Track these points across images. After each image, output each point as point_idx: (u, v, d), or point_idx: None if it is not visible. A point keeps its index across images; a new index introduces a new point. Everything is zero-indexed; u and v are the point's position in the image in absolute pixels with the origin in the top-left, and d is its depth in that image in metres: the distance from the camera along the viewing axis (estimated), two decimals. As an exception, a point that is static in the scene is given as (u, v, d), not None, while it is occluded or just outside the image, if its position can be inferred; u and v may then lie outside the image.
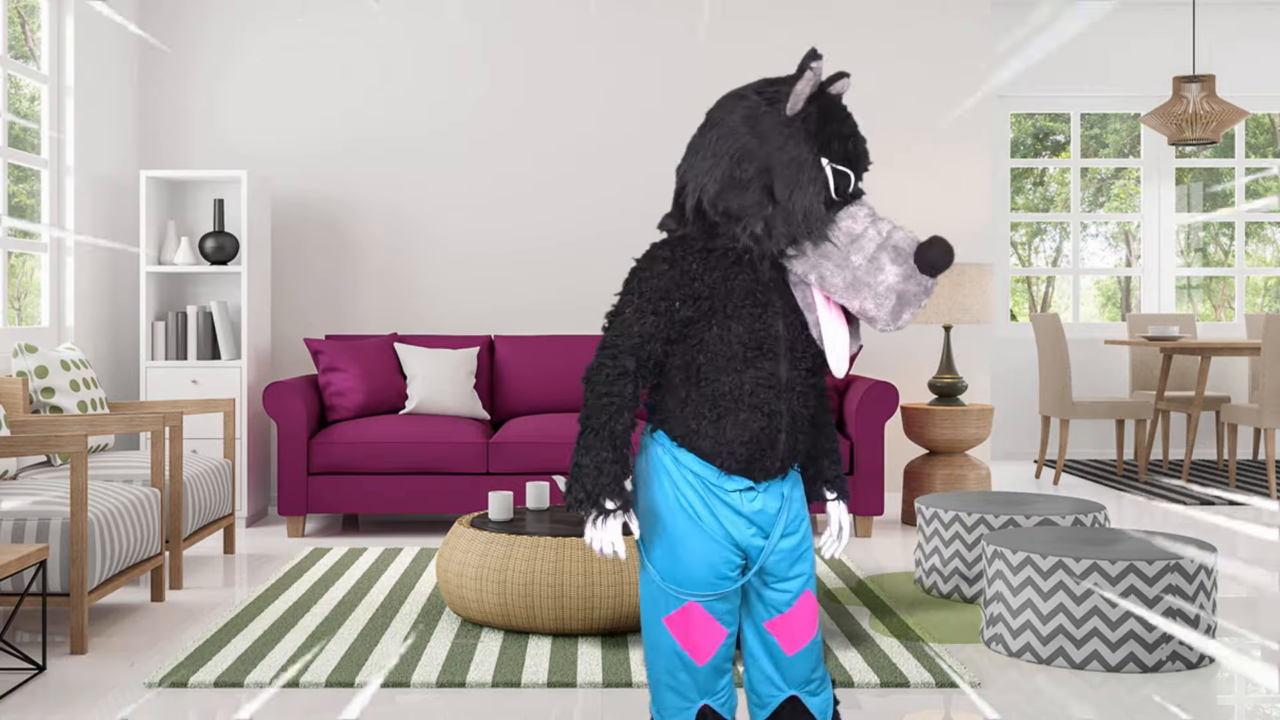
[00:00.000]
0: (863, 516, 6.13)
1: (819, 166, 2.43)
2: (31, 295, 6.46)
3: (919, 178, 7.19)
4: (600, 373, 2.47)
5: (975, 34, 7.20)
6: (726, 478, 2.52)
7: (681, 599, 2.55)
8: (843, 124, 2.47)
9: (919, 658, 3.94)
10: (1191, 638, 3.86)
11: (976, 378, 7.25)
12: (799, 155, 2.42)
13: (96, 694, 3.60)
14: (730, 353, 2.47)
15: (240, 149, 7.08)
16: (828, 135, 2.44)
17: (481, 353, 6.75)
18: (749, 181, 2.43)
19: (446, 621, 4.39)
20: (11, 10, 6.07)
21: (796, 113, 2.45)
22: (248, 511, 6.45)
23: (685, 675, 2.60)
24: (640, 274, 2.48)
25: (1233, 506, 7.17)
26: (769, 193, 2.42)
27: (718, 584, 2.54)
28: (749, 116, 2.46)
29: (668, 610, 2.57)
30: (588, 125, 7.13)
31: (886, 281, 2.39)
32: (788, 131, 2.43)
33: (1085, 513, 4.75)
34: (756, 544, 2.57)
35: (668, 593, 2.56)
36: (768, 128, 2.43)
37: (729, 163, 2.45)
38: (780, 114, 2.45)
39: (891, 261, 2.40)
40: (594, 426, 2.46)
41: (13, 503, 4.15)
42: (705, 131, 2.52)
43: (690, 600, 2.55)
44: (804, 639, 2.65)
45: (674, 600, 2.56)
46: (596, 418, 2.46)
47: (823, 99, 2.48)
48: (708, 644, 2.56)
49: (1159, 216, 9.63)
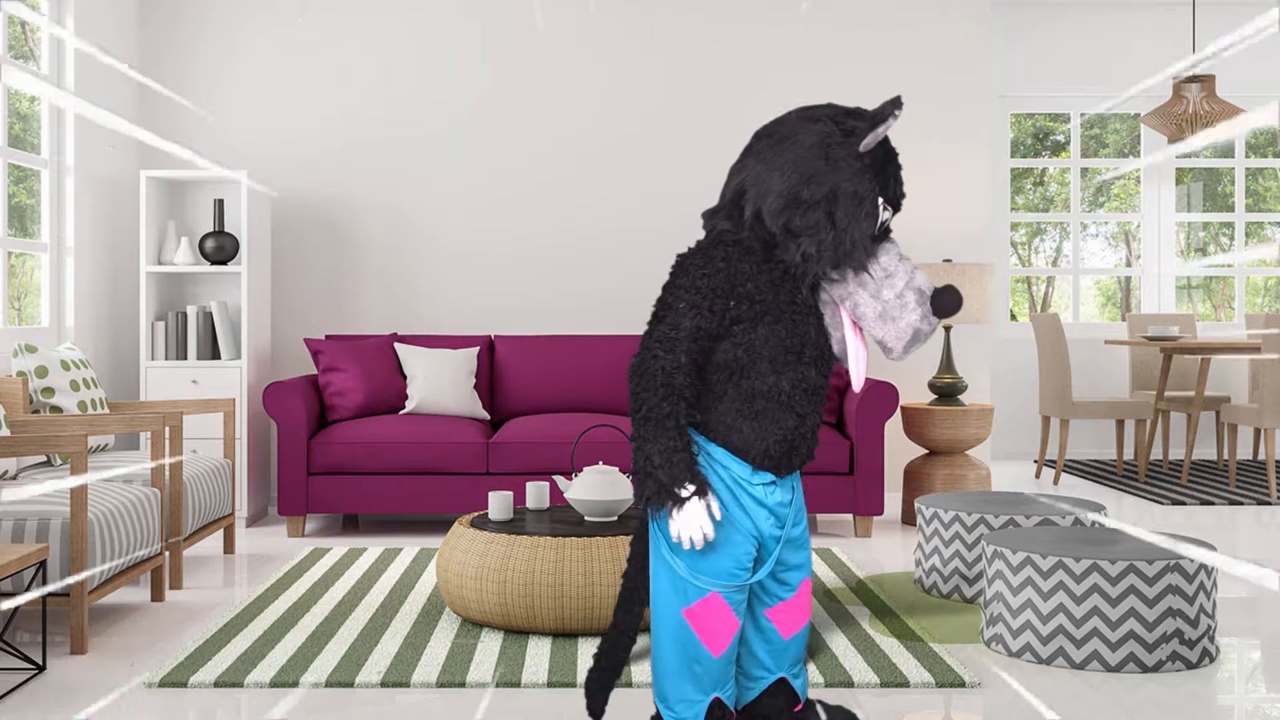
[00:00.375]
0: (863, 516, 6.13)
1: (876, 203, 2.62)
2: (31, 295, 6.45)
3: (919, 178, 7.19)
4: (655, 364, 2.55)
5: (975, 34, 7.20)
6: (754, 472, 2.66)
7: (704, 590, 2.64)
8: (898, 169, 2.68)
9: (919, 658, 3.94)
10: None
11: (976, 378, 7.25)
12: (863, 190, 2.60)
13: (96, 694, 3.60)
14: (773, 354, 2.60)
15: (240, 149, 7.08)
16: (886, 176, 2.64)
17: (481, 353, 6.75)
18: (814, 204, 2.59)
19: (446, 621, 4.39)
20: (12, 11, 6.07)
21: (867, 150, 2.63)
22: (248, 511, 6.45)
23: (700, 668, 2.68)
24: (695, 270, 2.60)
25: (1233, 506, 7.17)
26: (830, 218, 2.59)
27: (739, 575, 2.66)
28: (823, 142, 2.61)
29: (689, 602, 2.66)
30: (588, 125, 7.13)
31: (909, 319, 2.62)
32: (858, 165, 2.60)
33: (1085, 512, 4.75)
34: (775, 534, 2.71)
35: (689, 586, 2.65)
36: (840, 157, 2.60)
37: (798, 181, 2.61)
38: (853, 147, 2.62)
39: (916, 302, 2.63)
40: (655, 418, 2.53)
41: (23, 492, 4.15)
42: (776, 144, 2.65)
43: (713, 591, 2.63)
44: (800, 624, 2.80)
45: (696, 592, 2.64)
46: (657, 409, 2.52)
47: (886, 141, 2.68)
48: (724, 635, 2.65)
49: (1159, 216, 9.63)
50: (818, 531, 6.35)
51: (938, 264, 6.53)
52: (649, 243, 7.14)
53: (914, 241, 7.17)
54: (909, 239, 7.17)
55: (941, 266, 6.42)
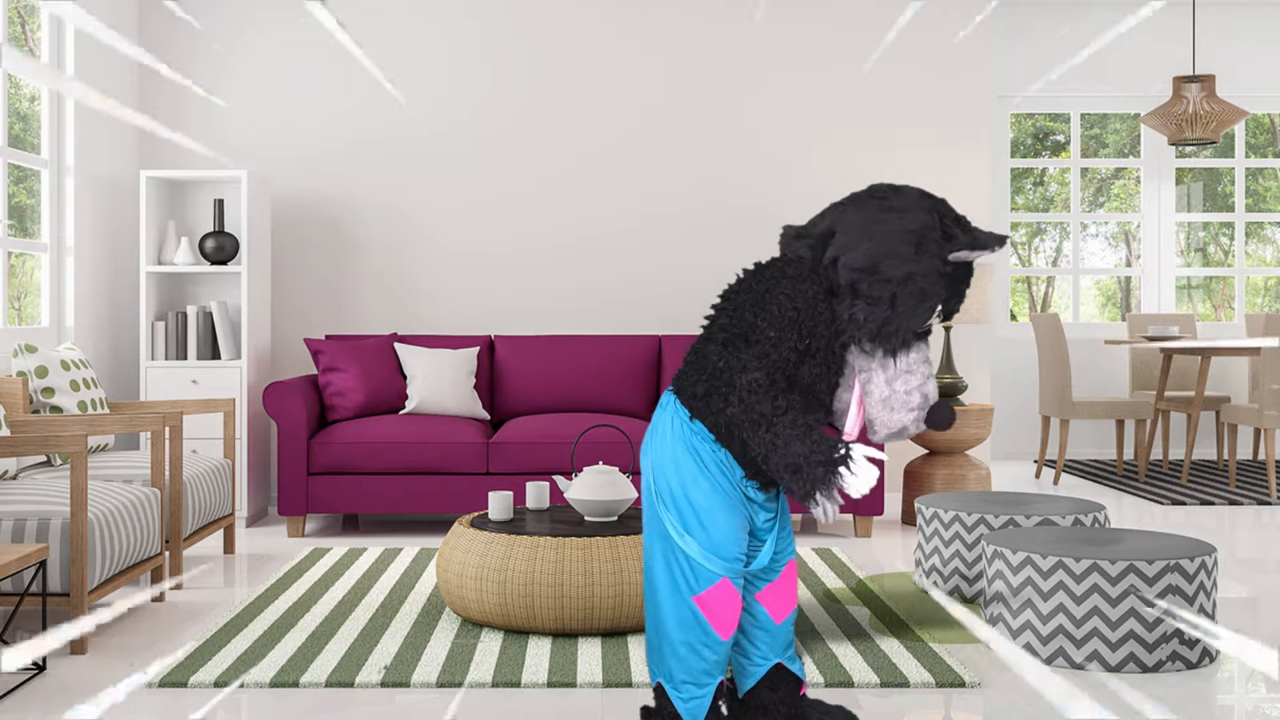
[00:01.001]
0: (863, 516, 6.13)
1: (935, 308, 2.79)
2: (31, 295, 6.45)
3: (919, 178, 7.18)
4: (757, 388, 2.67)
5: (975, 34, 7.20)
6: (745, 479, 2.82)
7: (716, 576, 2.76)
8: (966, 288, 2.85)
9: (919, 658, 3.94)
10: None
11: (976, 378, 7.25)
12: (932, 291, 2.76)
13: (96, 694, 3.60)
14: (804, 388, 2.77)
15: (240, 149, 7.08)
16: (955, 290, 2.83)
17: (481, 353, 6.75)
18: (887, 280, 2.74)
19: (446, 621, 4.39)
20: (11, 10, 6.07)
21: (955, 261, 2.79)
22: (248, 511, 6.45)
23: (710, 652, 2.80)
24: (785, 300, 2.74)
25: (1233, 506, 7.17)
26: (893, 300, 2.74)
27: (743, 559, 2.82)
28: (923, 232, 2.76)
29: (700, 589, 2.76)
30: (588, 125, 7.13)
31: (905, 418, 2.82)
32: (940, 268, 2.76)
33: (1085, 513, 4.76)
34: (768, 526, 2.89)
35: (701, 572, 2.77)
36: (930, 254, 2.76)
37: (885, 254, 2.75)
38: (945, 250, 2.77)
39: (919, 405, 2.83)
40: (776, 420, 2.64)
41: (20, 498, 4.15)
42: (884, 210, 2.80)
43: (724, 577, 2.77)
44: (789, 608, 2.94)
45: (708, 579, 2.75)
46: (773, 412, 2.64)
47: (969, 264, 2.84)
48: (731, 620, 2.79)
49: (1159, 216, 9.63)
50: (817, 531, 6.35)
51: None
52: (649, 243, 7.14)
53: (914, 241, 7.17)
54: (909, 239, 7.17)
55: (941, 266, 6.42)
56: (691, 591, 2.76)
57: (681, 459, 2.77)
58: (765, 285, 2.74)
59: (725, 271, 7.14)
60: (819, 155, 7.16)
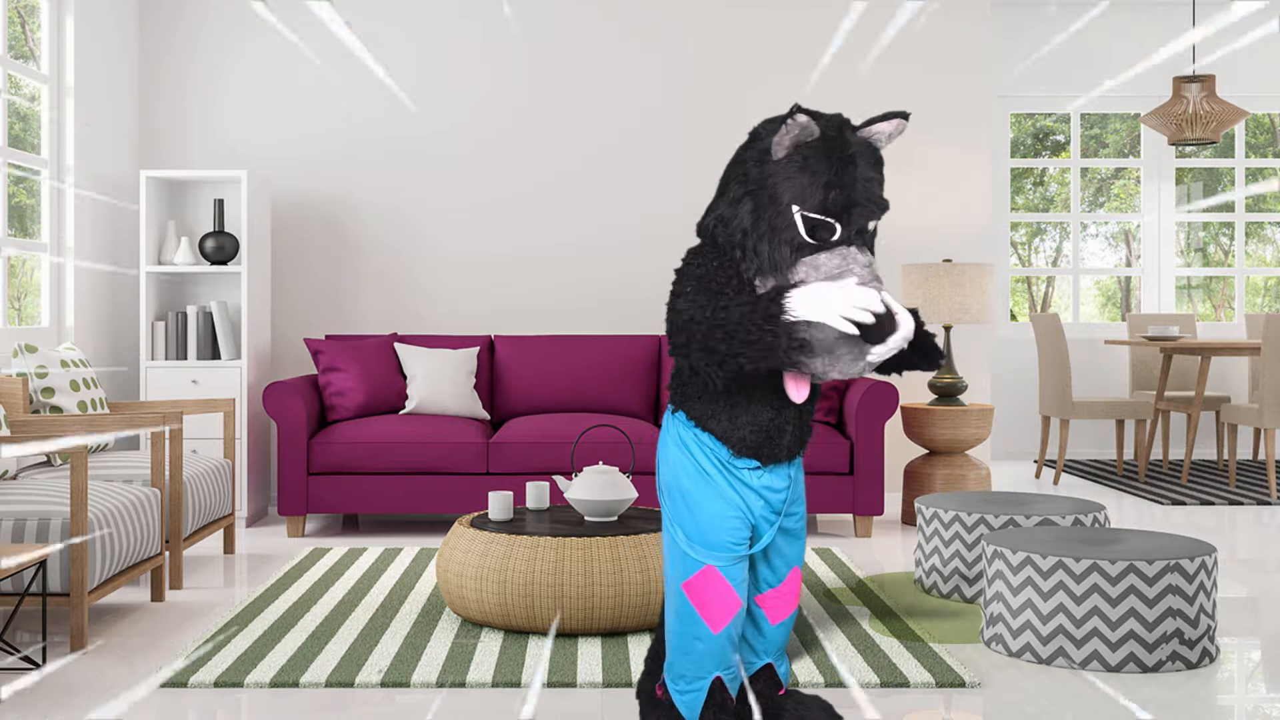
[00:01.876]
0: (863, 516, 6.12)
1: (788, 214, 2.56)
2: (31, 295, 6.46)
3: (919, 178, 7.19)
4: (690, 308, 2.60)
5: (975, 34, 7.20)
6: (737, 458, 2.76)
7: (700, 563, 2.76)
8: (829, 174, 2.54)
9: (919, 658, 3.94)
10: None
11: (976, 378, 7.25)
12: (781, 189, 2.56)
13: (96, 694, 3.60)
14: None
15: (240, 149, 7.08)
16: (802, 185, 2.55)
17: (481, 353, 6.75)
18: (734, 219, 2.63)
19: (446, 621, 4.39)
20: (11, 10, 6.07)
21: (779, 160, 2.58)
22: (248, 511, 6.45)
23: (701, 645, 2.78)
24: (693, 267, 2.66)
25: (1233, 506, 7.17)
26: (744, 231, 2.61)
27: (733, 549, 2.77)
28: (754, 159, 2.62)
29: (688, 575, 2.76)
30: (588, 125, 7.13)
31: (832, 334, 2.49)
32: (768, 178, 2.57)
33: (1085, 513, 4.76)
34: (767, 516, 2.81)
35: (688, 558, 2.78)
36: (755, 160, 2.61)
37: (726, 199, 2.67)
38: (769, 159, 2.59)
39: (847, 309, 2.51)
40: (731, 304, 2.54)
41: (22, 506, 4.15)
42: (730, 165, 2.72)
43: (708, 565, 2.75)
44: (787, 612, 2.93)
45: (693, 565, 2.76)
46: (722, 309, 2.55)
47: (815, 146, 2.56)
48: (723, 612, 2.76)
49: (1159, 216, 9.63)
50: (817, 531, 6.35)
51: (938, 264, 6.53)
52: (649, 242, 7.14)
53: (914, 241, 7.17)
54: (909, 239, 7.18)
55: (941, 266, 6.42)
56: (681, 577, 2.78)
57: (671, 449, 2.81)
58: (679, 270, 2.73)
59: (725, 271, 7.13)
60: (819, 155, 7.15)
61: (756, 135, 2.66)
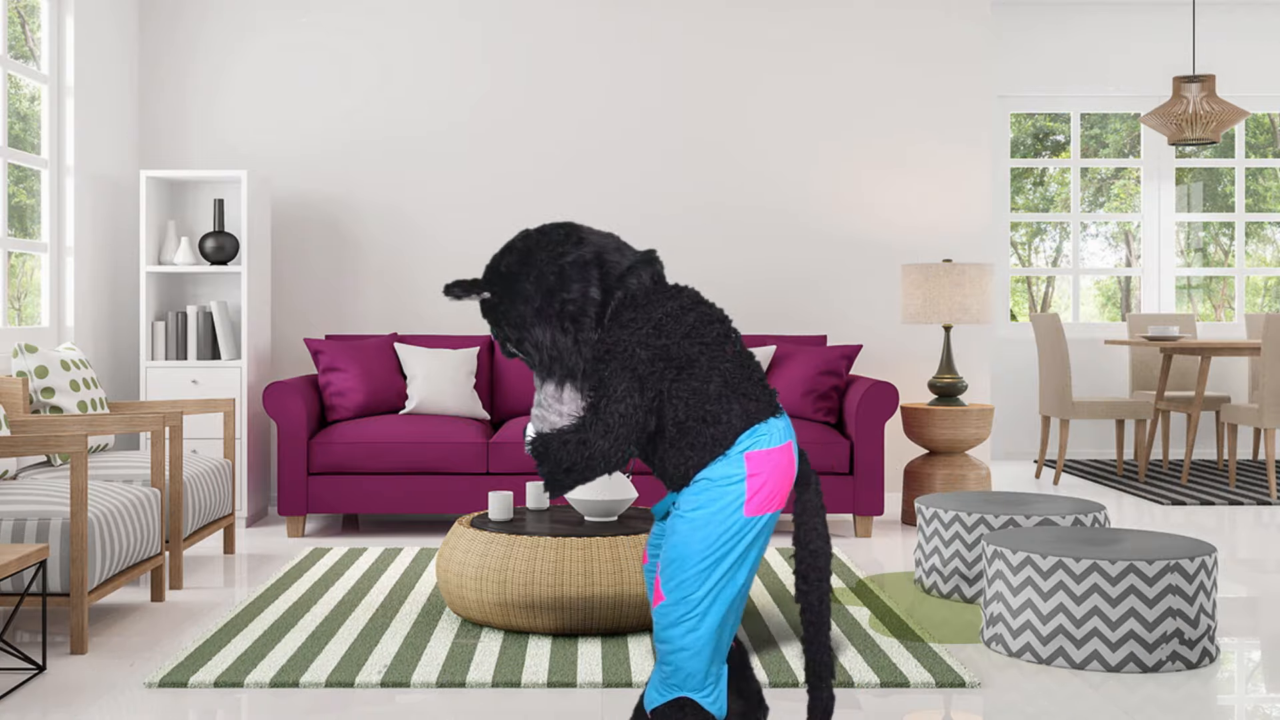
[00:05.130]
0: (863, 516, 6.12)
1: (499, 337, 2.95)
2: (31, 295, 6.46)
3: (919, 178, 7.19)
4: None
5: (975, 34, 7.20)
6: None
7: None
8: (492, 321, 2.83)
9: (919, 658, 3.94)
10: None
11: (976, 378, 7.25)
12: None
13: (96, 694, 3.60)
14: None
15: (240, 149, 7.08)
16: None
17: (481, 353, 6.75)
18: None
19: (446, 621, 4.39)
20: (11, 10, 6.07)
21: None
22: (248, 511, 6.45)
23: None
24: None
25: (1233, 506, 7.17)
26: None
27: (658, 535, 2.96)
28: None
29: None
30: (588, 125, 7.13)
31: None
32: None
33: (1085, 513, 4.76)
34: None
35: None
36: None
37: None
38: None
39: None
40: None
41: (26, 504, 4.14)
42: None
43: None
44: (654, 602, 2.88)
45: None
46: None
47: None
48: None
49: (1159, 216, 9.63)
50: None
51: (938, 264, 6.53)
52: (649, 242, 7.14)
53: (914, 241, 7.17)
54: (909, 239, 7.18)
55: (941, 266, 6.42)
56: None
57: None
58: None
59: (725, 271, 7.14)
60: (819, 155, 7.16)
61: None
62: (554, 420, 2.74)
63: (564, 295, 2.71)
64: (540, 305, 2.71)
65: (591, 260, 2.74)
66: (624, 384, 2.64)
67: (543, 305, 2.71)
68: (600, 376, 2.68)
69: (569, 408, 2.74)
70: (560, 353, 2.71)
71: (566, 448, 2.67)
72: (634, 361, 2.65)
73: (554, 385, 2.74)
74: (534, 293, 2.72)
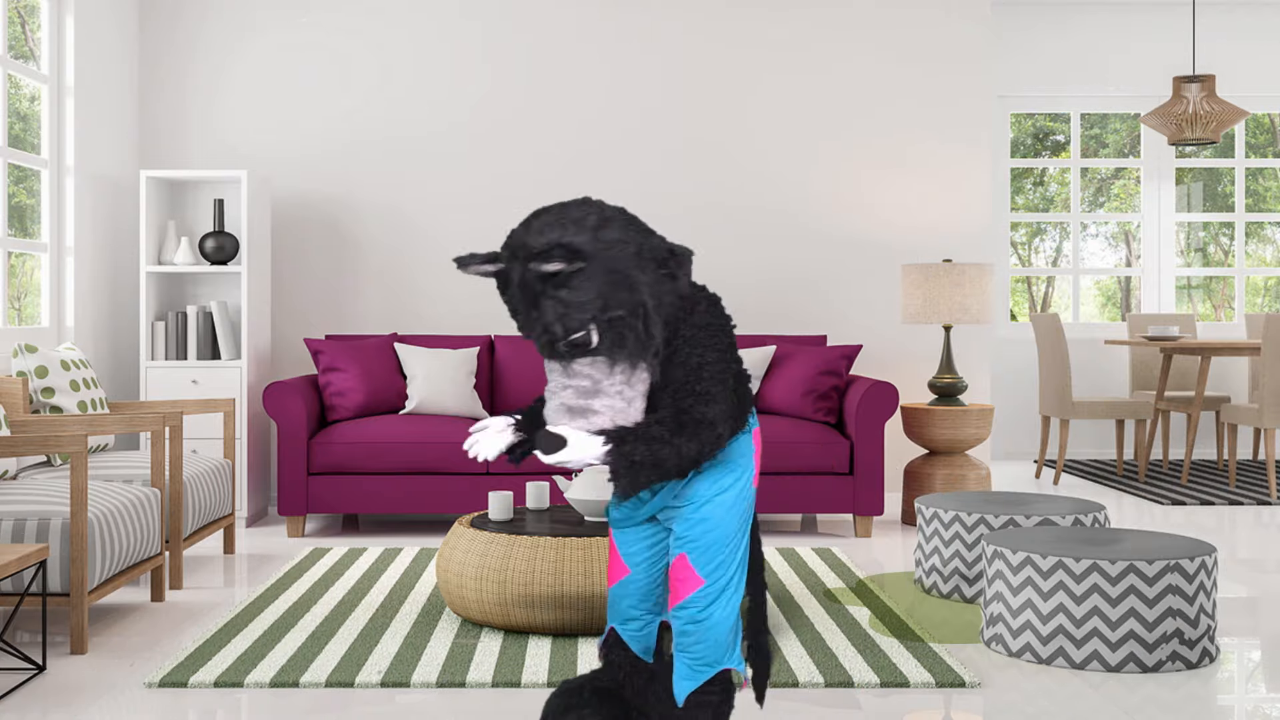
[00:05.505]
0: (863, 516, 6.12)
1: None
2: (31, 295, 6.46)
3: (919, 178, 7.19)
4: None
5: (975, 34, 7.20)
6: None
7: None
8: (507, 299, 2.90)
9: (919, 658, 3.94)
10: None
11: (976, 378, 7.25)
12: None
13: (96, 694, 3.60)
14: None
15: (240, 149, 7.08)
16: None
17: (481, 353, 6.75)
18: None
19: (446, 621, 4.39)
20: (11, 10, 6.07)
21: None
22: (248, 511, 6.45)
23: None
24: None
25: (1233, 506, 7.17)
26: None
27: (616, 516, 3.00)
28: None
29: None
30: (588, 125, 7.13)
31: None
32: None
33: (1085, 513, 4.76)
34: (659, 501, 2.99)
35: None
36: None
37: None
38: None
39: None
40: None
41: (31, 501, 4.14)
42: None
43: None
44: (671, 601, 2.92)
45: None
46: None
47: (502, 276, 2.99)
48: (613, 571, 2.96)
49: (1159, 216, 9.63)
50: (817, 531, 6.35)
51: (938, 264, 6.53)
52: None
53: (914, 241, 7.17)
54: (909, 239, 7.18)
55: (941, 266, 6.42)
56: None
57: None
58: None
59: (725, 271, 7.14)
60: (819, 155, 7.16)
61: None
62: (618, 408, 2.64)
63: (656, 260, 2.68)
64: (644, 274, 2.63)
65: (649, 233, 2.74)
66: (719, 389, 2.68)
67: (647, 273, 2.64)
68: (697, 377, 2.68)
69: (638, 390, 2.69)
70: (652, 322, 2.63)
71: (660, 447, 2.63)
72: (728, 375, 2.71)
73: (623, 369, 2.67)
74: (633, 256, 2.63)
